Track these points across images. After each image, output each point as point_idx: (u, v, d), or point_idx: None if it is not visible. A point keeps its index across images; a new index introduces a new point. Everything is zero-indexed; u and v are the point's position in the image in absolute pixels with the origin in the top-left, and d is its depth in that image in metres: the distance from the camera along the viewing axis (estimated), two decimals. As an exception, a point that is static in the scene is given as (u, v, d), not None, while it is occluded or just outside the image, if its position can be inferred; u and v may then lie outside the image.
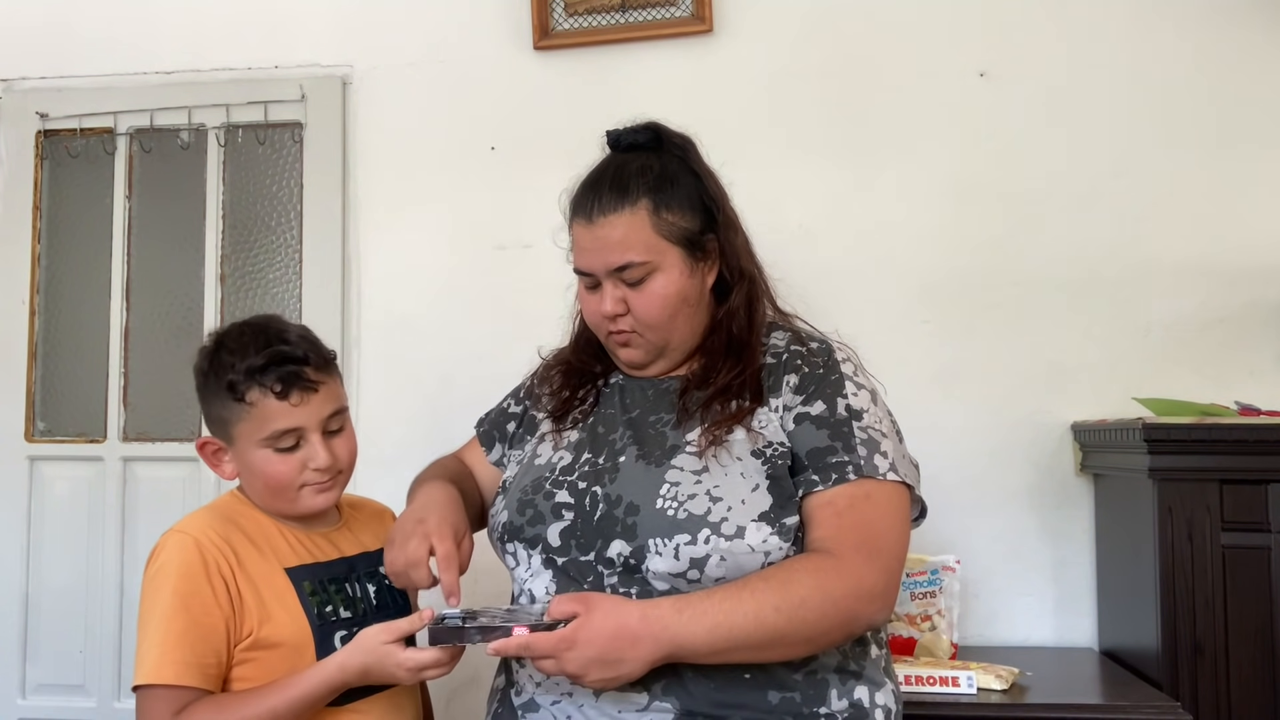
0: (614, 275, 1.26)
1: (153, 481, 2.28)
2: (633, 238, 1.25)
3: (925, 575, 1.87)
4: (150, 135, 2.35)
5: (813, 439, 1.21)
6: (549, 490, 1.25)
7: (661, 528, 1.15)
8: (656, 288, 1.25)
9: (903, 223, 2.10)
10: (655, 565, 1.15)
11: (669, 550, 1.14)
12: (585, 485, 1.23)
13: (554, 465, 1.27)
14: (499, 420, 1.45)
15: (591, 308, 1.30)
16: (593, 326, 1.33)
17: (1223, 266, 2.01)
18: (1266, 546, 1.63)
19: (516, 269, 2.20)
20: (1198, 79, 2.04)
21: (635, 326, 1.27)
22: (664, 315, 1.26)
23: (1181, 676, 1.63)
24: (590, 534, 1.19)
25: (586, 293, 1.31)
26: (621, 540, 1.17)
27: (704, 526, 1.14)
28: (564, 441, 1.31)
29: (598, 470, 1.24)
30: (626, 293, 1.26)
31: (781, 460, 1.20)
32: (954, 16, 2.11)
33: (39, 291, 2.36)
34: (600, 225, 1.26)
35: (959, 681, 1.58)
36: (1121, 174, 2.05)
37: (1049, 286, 2.05)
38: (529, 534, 1.23)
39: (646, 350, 1.29)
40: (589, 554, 1.19)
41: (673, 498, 1.17)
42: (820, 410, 1.22)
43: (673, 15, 2.16)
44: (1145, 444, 1.66)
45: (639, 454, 1.23)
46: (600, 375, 1.37)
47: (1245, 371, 1.97)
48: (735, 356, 1.27)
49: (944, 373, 2.07)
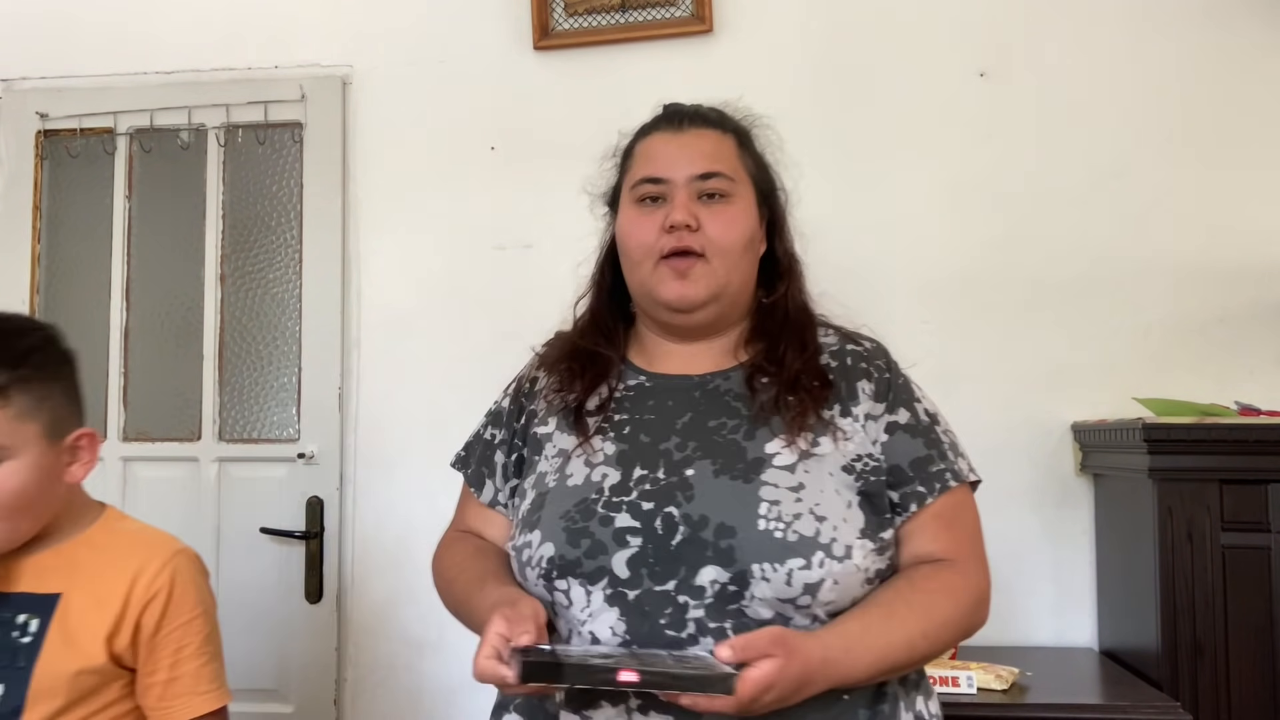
0: (695, 184, 1.16)
1: (153, 481, 2.29)
2: (723, 153, 1.19)
3: (925, 575, 1.87)
4: (150, 135, 2.35)
5: (911, 449, 1.14)
6: (604, 514, 1.08)
7: (769, 551, 1.03)
8: (735, 211, 1.17)
9: (903, 222, 2.10)
10: (762, 592, 1.02)
11: (779, 576, 1.02)
12: (653, 505, 1.07)
13: (600, 485, 1.10)
14: (484, 455, 1.26)
15: (649, 226, 1.16)
16: (642, 253, 1.16)
17: (1223, 266, 2.01)
18: (1266, 546, 1.63)
19: (516, 269, 2.20)
20: (1198, 79, 2.04)
21: (705, 248, 1.14)
22: (739, 241, 1.16)
23: (1181, 676, 1.63)
24: (668, 561, 1.04)
25: (640, 214, 1.17)
26: (715, 566, 1.03)
27: (816, 549, 1.03)
28: (599, 455, 1.13)
29: (664, 487, 1.08)
30: (700, 210, 1.15)
31: (874, 476, 1.11)
32: (954, 16, 2.11)
33: (39, 291, 2.36)
34: (690, 134, 1.20)
35: (959, 681, 1.58)
36: (1121, 174, 2.05)
37: (1049, 286, 2.05)
38: (588, 568, 1.06)
39: (708, 284, 1.15)
40: (667, 583, 1.04)
41: (776, 518, 1.04)
42: (908, 418, 1.16)
43: (673, 15, 2.16)
44: (1145, 444, 1.66)
45: (716, 467, 1.09)
46: (614, 365, 1.22)
47: (1245, 371, 1.97)
48: (797, 343, 1.18)
49: (944, 373, 2.05)
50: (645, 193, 1.17)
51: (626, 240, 1.18)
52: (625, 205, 1.20)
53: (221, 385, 2.30)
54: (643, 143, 1.23)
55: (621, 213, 1.21)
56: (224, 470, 2.27)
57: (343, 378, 2.25)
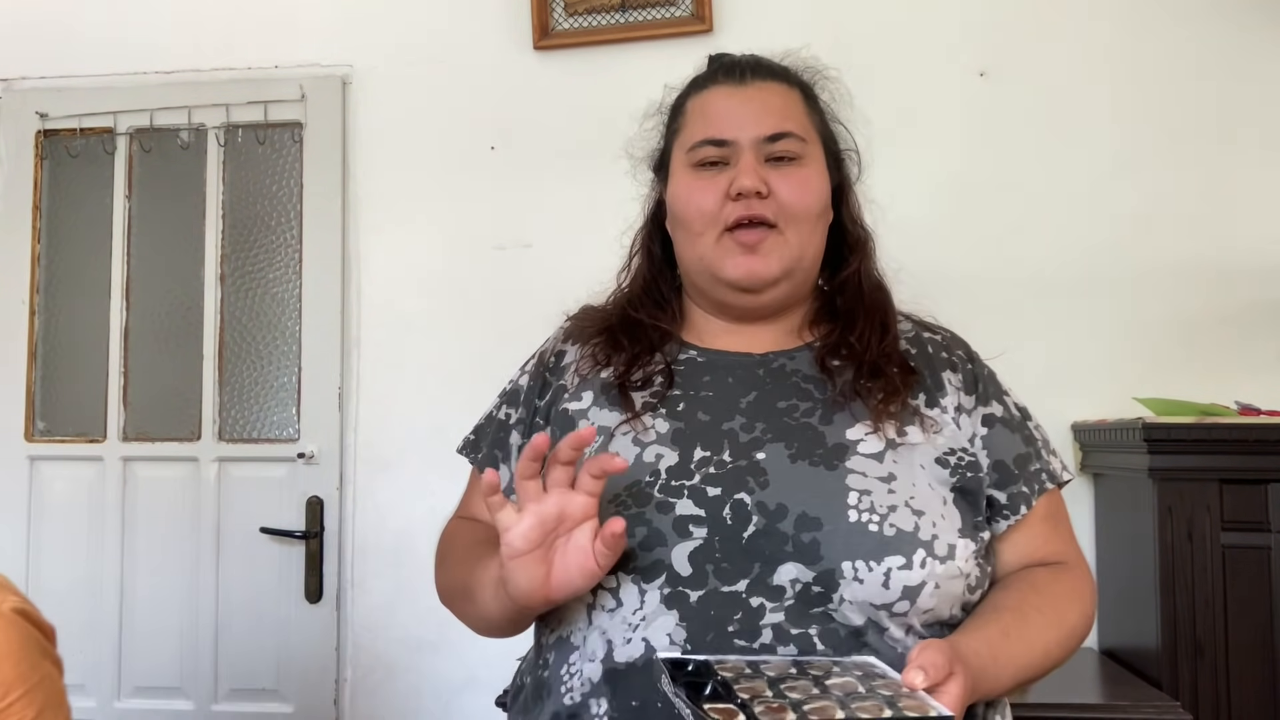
0: (762, 146, 1.03)
1: (152, 481, 2.29)
2: (792, 109, 1.07)
3: (925, 575, 1.87)
4: (150, 135, 2.35)
5: (1012, 445, 1.04)
6: (662, 500, 0.93)
7: (863, 547, 0.89)
8: (808, 173, 1.04)
9: (902, 222, 2.09)
10: (853, 595, 0.89)
11: (875, 576, 0.89)
12: (720, 491, 0.93)
13: (655, 466, 0.96)
14: (498, 437, 1.12)
15: (711, 192, 1.02)
16: (704, 223, 1.03)
17: (1223, 266, 2.01)
18: (1266, 546, 1.63)
19: (516, 269, 2.20)
20: (1197, 79, 2.04)
21: (777, 216, 1.01)
22: (814, 207, 1.04)
23: (1181, 676, 1.63)
24: (739, 556, 0.90)
25: (699, 179, 1.04)
26: (797, 563, 0.89)
27: (918, 546, 0.90)
28: (650, 434, 0.99)
29: (732, 471, 0.94)
30: (769, 174, 1.02)
31: (972, 472, 1.00)
32: (954, 16, 2.11)
33: (39, 291, 2.36)
34: (753, 88, 1.06)
35: (959, 681, 1.58)
36: (1121, 174, 2.05)
37: (1049, 286, 2.05)
38: (643, 561, 0.91)
39: (780, 258, 1.02)
40: (737, 583, 0.89)
41: (869, 509, 0.91)
42: (1003, 412, 1.06)
43: (672, 15, 2.16)
44: (1145, 444, 1.66)
45: (791, 452, 0.95)
46: (668, 338, 1.09)
47: (1245, 371, 1.97)
48: (876, 324, 1.08)
49: (944, 372, 2.07)
50: (705, 156, 1.04)
51: (683, 209, 1.04)
52: (680, 170, 1.06)
53: (221, 385, 2.30)
54: (697, 98, 1.09)
55: (675, 178, 1.07)
56: (224, 470, 2.27)
57: (343, 378, 2.25)
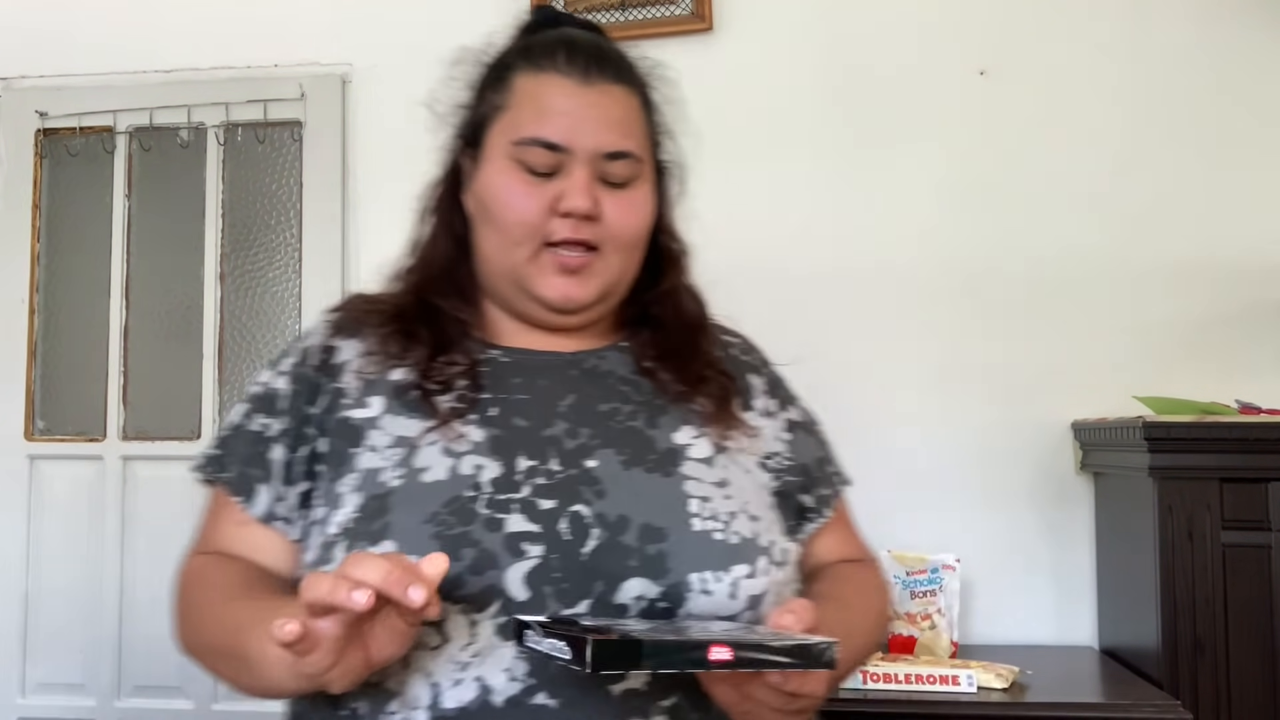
0: (599, 163, 0.93)
1: (153, 480, 2.28)
2: (633, 125, 0.96)
3: (925, 574, 1.87)
4: (150, 134, 2.35)
5: (811, 447, 1.05)
6: (489, 516, 0.83)
7: (710, 557, 0.84)
8: (639, 199, 0.96)
9: (903, 222, 2.10)
10: (701, 606, 0.83)
11: (723, 587, 0.84)
12: (554, 504, 0.84)
13: (474, 479, 0.85)
14: (252, 453, 0.94)
15: (536, 201, 0.92)
16: (523, 232, 0.93)
17: (1223, 266, 2.01)
18: (1266, 545, 1.63)
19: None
20: (1198, 78, 2.04)
21: (603, 240, 0.93)
22: (641, 232, 0.97)
23: (1181, 675, 1.63)
24: (580, 574, 0.82)
25: (523, 182, 0.93)
26: (642, 578, 0.82)
27: (759, 553, 0.87)
28: (463, 443, 0.88)
29: (564, 481, 0.86)
30: (601, 194, 0.93)
31: (789, 475, 1.00)
32: (954, 16, 2.11)
33: (39, 290, 2.36)
34: (599, 90, 0.94)
35: (959, 680, 1.58)
36: (1121, 174, 2.05)
37: (1049, 286, 2.05)
38: (473, 588, 0.80)
39: (599, 284, 0.95)
40: (580, 604, 0.82)
41: (711, 517, 0.87)
42: (800, 415, 1.07)
43: (672, 14, 2.16)
44: (1145, 442, 1.66)
45: (624, 458, 0.89)
46: (469, 331, 0.98)
47: (1245, 370, 1.97)
48: (697, 331, 1.04)
49: (944, 373, 2.07)
50: (535, 160, 0.92)
51: (502, 211, 0.93)
52: (500, 159, 0.94)
53: (221, 384, 2.29)
54: (531, 78, 0.95)
55: (492, 166, 0.95)
56: (224, 469, 2.26)
57: None
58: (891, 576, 1.90)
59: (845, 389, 2.08)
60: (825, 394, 2.07)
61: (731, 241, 2.13)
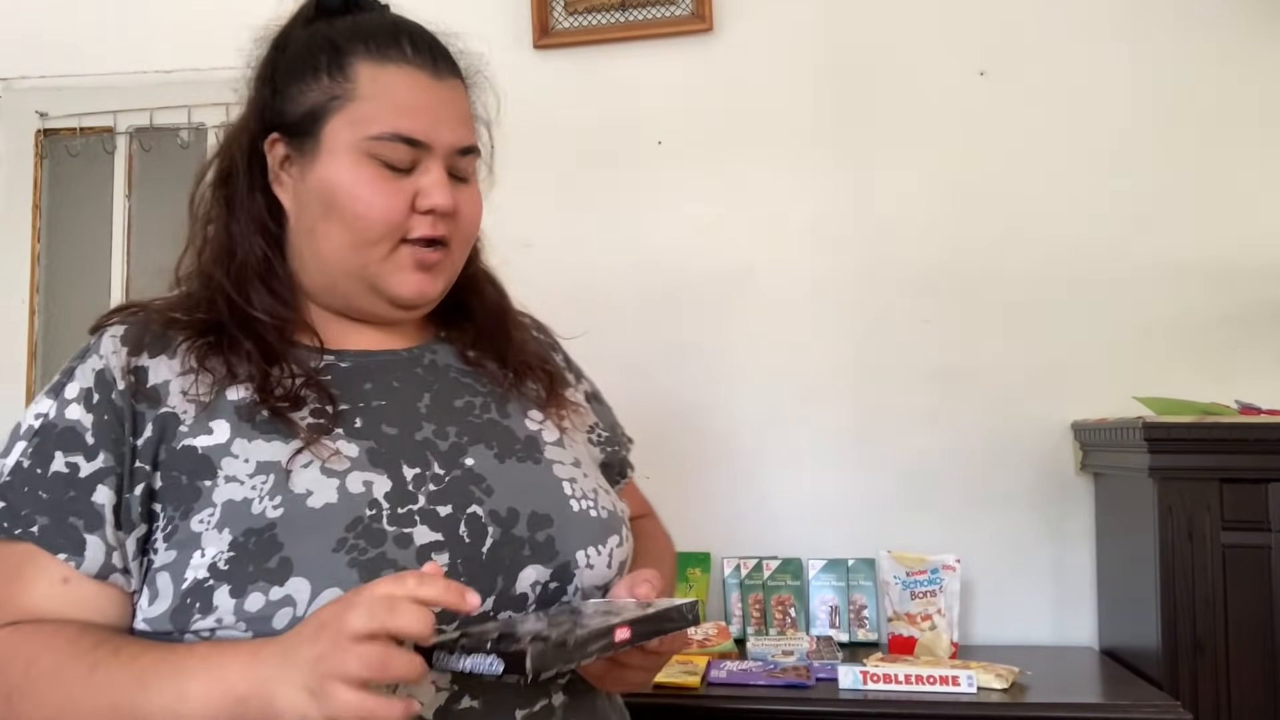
0: (455, 158, 0.94)
1: (152, 481, 2.28)
2: (470, 118, 0.99)
3: (925, 574, 1.87)
4: (150, 134, 2.35)
5: (608, 415, 1.13)
6: (397, 533, 0.82)
7: (589, 533, 0.90)
8: (477, 191, 0.99)
9: (903, 222, 2.10)
10: (586, 580, 0.89)
11: (602, 559, 0.90)
12: (451, 509, 0.85)
13: (369, 496, 0.83)
14: (62, 501, 0.82)
15: (396, 199, 0.90)
16: (383, 231, 0.90)
17: (1223, 266, 2.00)
18: (1266, 546, 1.63)
19: (516, 269, 2.20)
20: (1198, 79, 2.04)
21: (454, 237, 0.94)
22: (478, 229, 1.01)
23: (1181, 676, 1.63)
24: (482, 573, 0.84)
25: (381, 179, 0.90)
26: (536, 564, 0.86)
27: (621, 523, 0.95)
28: (340, 461, 0.84)
29: (452, 484, 0.87)
30: (454, 189, 0.93)
31: (609, 446, 1.08)
32: (954, 16, 2.11)
33: (39, 291, 2.36)
34: (449, 85, 0.95)
35: (959, 681, 1.58)
36: (1121, 174, 2.05)
37: (1049, 286, 2.05)
38: None
39: (448, 277, 0.97)
40: (485, 601, 0.83)
41: (583, 496, 0.92)
42: (590, 386, 1.14)
43: (673, 14, 2.16)
44: (1145, 443, 1.66)
45: (495, 452, 0.91)
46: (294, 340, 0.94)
47: (1245, 370, 1.97)
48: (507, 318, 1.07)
49: (944, 373, 2.07)
50: (393, 156, 0.90)
51: (358, 208, 0.89)
52: (348, 153, 0.90)
53: (221, 384, 2.29)
54: (381, 70, 0.92)
55: (339, 161, 0.90)
56: (224, 469, 2.27)
57: None
58: (891, 577, 1.90)
59: (845, 389, 2.09)
60: (825, 394, 2.09)
61: (731, 241, 2.14)
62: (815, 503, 2.07)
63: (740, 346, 2.12)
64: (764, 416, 2.10)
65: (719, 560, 2.06)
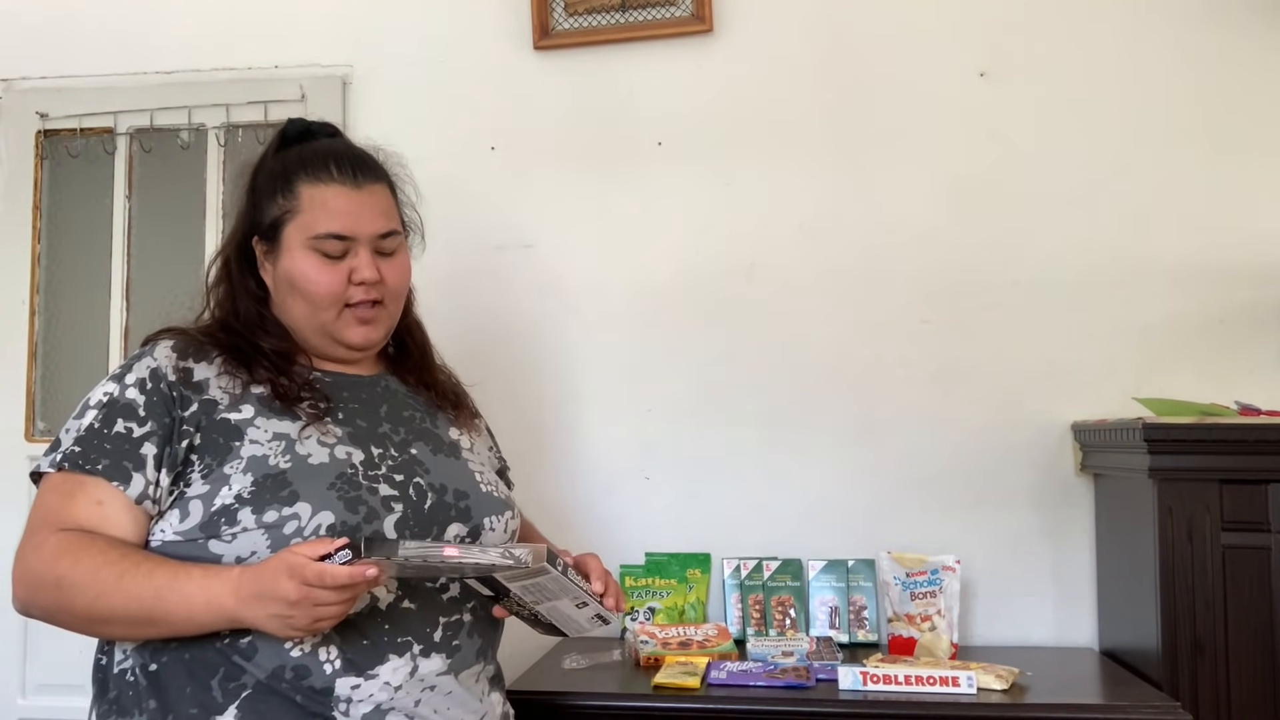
0: (377, 241, 1.31)
1: (153, 481, 2.28)
2: (390, 209, 1.35)
3: (925, 575, 1.87)
4: (150, 135, 2.35)
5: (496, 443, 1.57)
6: (369, 485, 1.21)
7: (492, 507, 1.32)
8: (403, 260, 1.36)
9: (903, 222, 2.10)
10: (489, 539, 1.30)
11: (500, 525, 1.32)
12: (403, 478, 1.25)
13: (350, 461, 1.22)
14: (121, 449, 1.20)
15: (336, 277, 1.28)
16: (330, 301, 1.29)
17: (1223, 266, 2.01)
18: (1266, 546, 1.63)
19: (516, 269, 2.20)
20: (1198, 79, 2.04)
21: (385, 294, 1.32)
22: (406, 286, 1.38)
23: (1181, 676, 1.63)
24: (424, 521, 1.24)
25: (323, 264, 1.28)
26: (458, 523, 1.27)
27: (512, 504, 1.38)
28: (332, 437, 1.24)
29: (403, 463, 1.27)
30: (379, 263, 1.31)
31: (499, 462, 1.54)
32: (954, 16, 2.11)
33: (39, 291, 2.36)
34: (367, 191, 1.32)
35: (959, 681, 1.58)
36: (1121, 174, 2.05)
37: (1049, 286, 2.05)
38: (366, 532, 1.18)
39: (386, 326, 1.35)
40: (426, 540, 1.23)
41: (488, 483, 1.34)
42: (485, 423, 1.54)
43: (673, 15, 2.16)
44: (1145, 444, 1.66)
45: (431, 448, 1.32)
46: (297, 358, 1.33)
47: (1245, 371, 1.97)
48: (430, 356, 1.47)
49: (944, 373, 2.07)
50: (329, 249, 1.28)
51: (313, 288, 1.28)
52: (299, 248, 1.29)
53: (221, 385, 2.29)
54: (315, 189, 1.30)
55: (293, 254, 1.29)
56: (224, 470, 2.27)
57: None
58: (891, 578, 1.90)
59: (844, 389, 2.09)
60: (825, 394, 2.09)
61: (731, 241, 2.14)
62: (815, 503, 2.07)
63: (740, 346, 2.12)
64: (764, 416, 2.10)
65: (719, 561, 2.06)
